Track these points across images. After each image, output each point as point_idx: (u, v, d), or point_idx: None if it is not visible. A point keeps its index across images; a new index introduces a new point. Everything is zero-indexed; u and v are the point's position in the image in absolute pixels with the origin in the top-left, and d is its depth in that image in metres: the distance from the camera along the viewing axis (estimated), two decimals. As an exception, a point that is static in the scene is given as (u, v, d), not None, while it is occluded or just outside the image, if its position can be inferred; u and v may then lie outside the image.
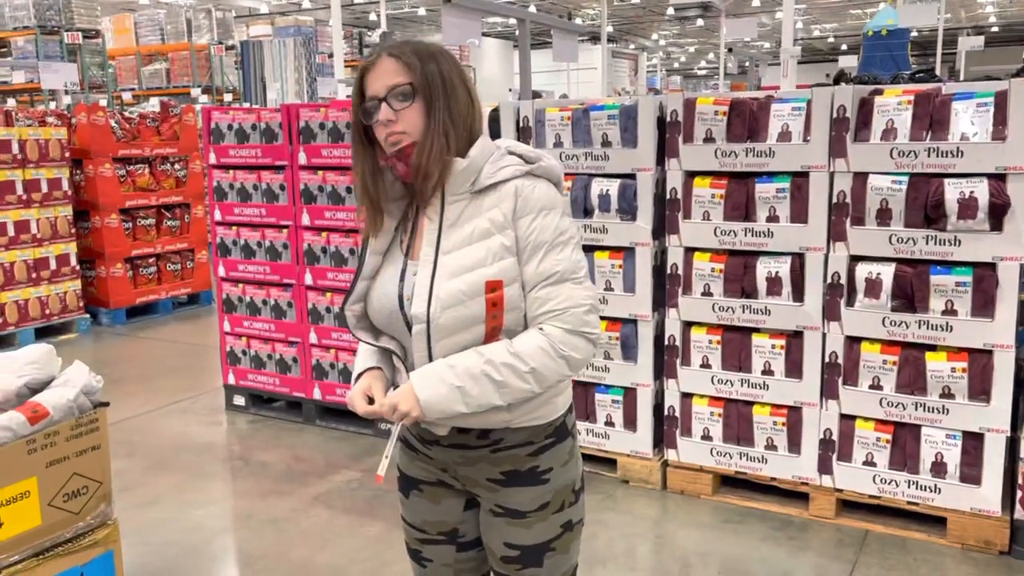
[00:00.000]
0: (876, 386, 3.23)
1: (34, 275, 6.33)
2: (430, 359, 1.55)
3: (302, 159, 4.38)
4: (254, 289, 4.68)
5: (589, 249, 3.70)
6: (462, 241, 1.55)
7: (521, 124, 3.82)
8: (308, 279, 4.47)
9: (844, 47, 31.45)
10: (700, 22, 25.36)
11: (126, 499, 3.77)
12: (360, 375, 1.65)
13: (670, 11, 24.15)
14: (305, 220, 4.43)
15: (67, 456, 1.42)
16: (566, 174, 3.70)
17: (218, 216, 4.74)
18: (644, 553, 3.30)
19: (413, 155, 1.53)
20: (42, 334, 6.43)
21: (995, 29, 26.99)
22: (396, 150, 1.54)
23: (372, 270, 1.65)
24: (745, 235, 3.38)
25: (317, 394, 4.55)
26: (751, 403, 3.48)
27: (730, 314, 3.46)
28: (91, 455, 1.45)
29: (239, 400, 4.84)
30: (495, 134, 3.85)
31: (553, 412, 1.67)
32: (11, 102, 12.29)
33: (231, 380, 4.84)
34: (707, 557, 3.19)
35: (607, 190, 3.61)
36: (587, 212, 3.69)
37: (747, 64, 20.95)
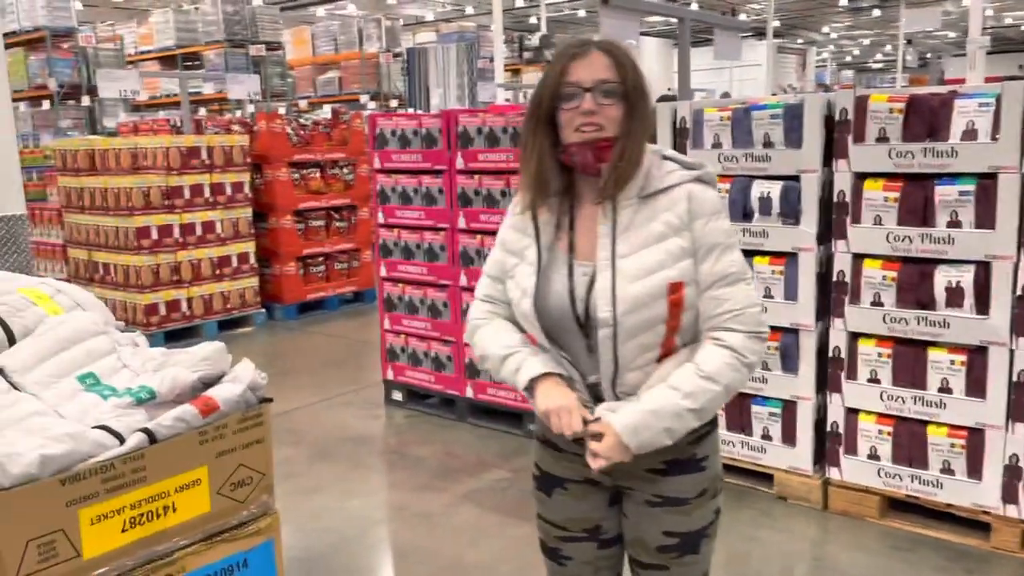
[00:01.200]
0: (1074, 410, 2.91)
1: (218, 272, 6.84)
2: (615, 361, 1.59)
3: (459, 163, 4.49)
4: (412, 289, 4.84)
5: (748, 254, 3.54)
6: (639, 244, 1.59)
7: (678, 125, 3.73)
8: (463, 280, 4.57)
9: (1042, 34, 28.68)
10: (876, 12, 23.90)
11: (291, 485, 4.00)
12: (542, 377, 1.63)
13: (843, 2, 22.92)
14: (461, 223, 4.53)
15: (234, 448, 1.51)
16: (724, 176, 3.60)
17: (381, 218, 4.94)
18: (801, 575, 3.14)
19: (613, 154, 1.58)
20: (223, 327, 6.94)
21: None
22: (588, 139, 1.57)
23: (544, 264, 1.66)
24: (922, 241, 3.15)
25: (469, 392, 4.64)
26: (926, 422, 3.23)
27: (903, 326, 3.23)
28: (256, 448, 1.54)
29: (397, 395, 5.02)
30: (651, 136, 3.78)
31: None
32: (202, 111, 13.37)
33: (390, 375, 5.03)
34: (872, 585, 2.99)
35: (768, 192, 3.46)
36: (746, 215, 3.56)
37: (928, 56, 19.56)
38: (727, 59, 5.79)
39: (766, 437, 3.61)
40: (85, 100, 11.86)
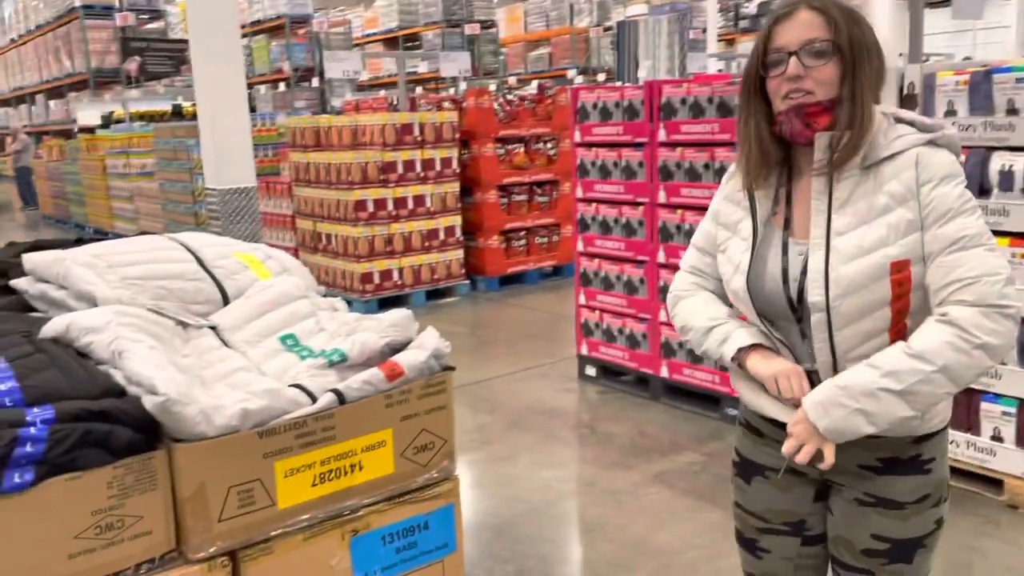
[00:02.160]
0: None
1: (426, 244, 7.16)
2: (832, 349, 1.46)
3: (662, 136, 4.37)
4: (609, 264, 4.79)
5: (982, 235, 3.19)
6: (857, 220, 1.44)
7: (906, 91, 3.40)
8: (661, 257, 4.47)
9: None
10: None
11: (487, 451, 4.12)
12: (752, 347, 1.54)
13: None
14: (661, 197, 4.41)
15: (418, 413, 1.55)
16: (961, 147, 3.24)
17: (580, 193, 4.92)
18: (1032, 596, 2.80)
19: (830, 120, 1.44)
20: (430, 296, 7.26)
21: None
22: (794, 106, 1.45)
23: (760, 240, 1.55)
24: None
25: (664, 372, 4.54)
26: None
27: None
28: (438, 414, 1.58)
29: (590, 371, 5.02)
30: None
31: (948, 409, 1.53)
32: (419, 90, 14.02)
33: (584, 351, 5.04)
34: (1119, 614, 2.61)
35: (1011, 166, 3.07)
36: (983, 191, 3.18)
37: None
38: (968, 18, 5.19)
39: (996, 439, 3.24)
40: (315, 82, 12.79)
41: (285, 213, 7.86)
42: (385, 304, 6.95)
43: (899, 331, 1.44)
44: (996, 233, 3.13)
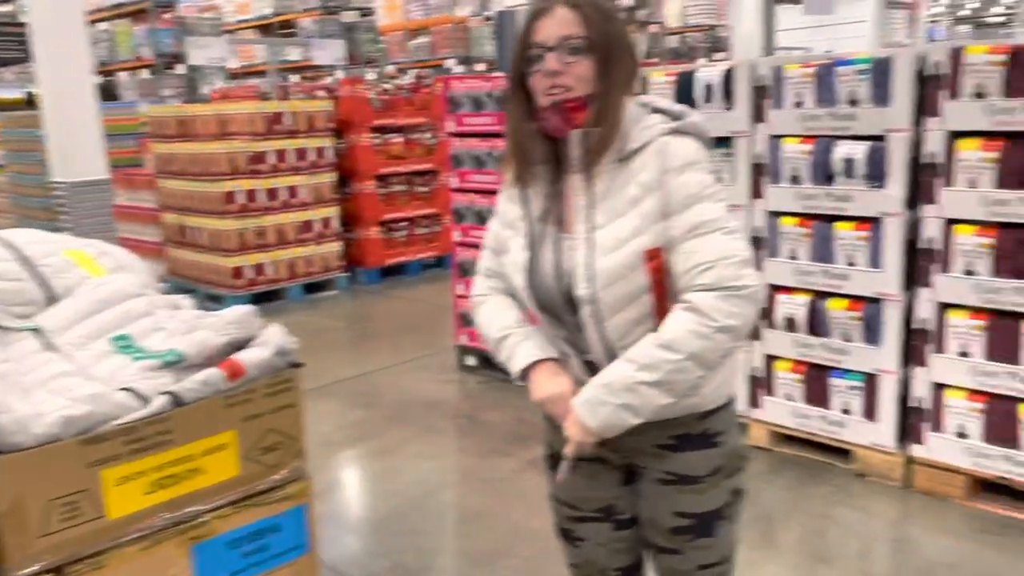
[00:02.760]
0: None
1: (302, 236, 6.98)
2: (604, 339, 1.50)
3: (532, 126, 4.39)
4: (485, 254, 4.80)
5: (830, 219, 3.37)
6: (614, 213, 1.48)
7: (758, 84, 3.54)
8: (536, 245, 4.51)
9: None
10: (996, -39, 22.29)
11: (364, 447, 4.06)
12: (535, 364, 1.56)
13: (959, -50, 21.42)
14: (534, 187, 4.45)
15: (263, 412, 1.50)
16: (807, 136, 3.40)
17: (455, 183, 4.91)
18: (880, 557, 2.99)
19: (587, 116, 1.46)
20: (308, 290, 7.09)
21: None
22: (554, 102, 1.47)
23: (537, 237, 1.57)
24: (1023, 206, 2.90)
25: (542, 359, 4.60)
26: (1020, 400, 3.01)
27: (999, 297, 2.99)
28: (286, 412, 1.53)
29: (470, 360, 5.02)
30: (729, 95, 3.61)
31: (734, 379, 1.59)
32: (294, 78, 13.63)
33: (463, 341, 5.03)
34: (956, 569, 2.82)
35: (853, 154, 3.25)
36: (829, 178, 3.36)
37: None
38: (818, 14, 5.47)
39: (846, 411, 3.44)
40: (180, 68, 12.22)
41: (148, 206, 7.50)
42: (259, 299, 6.73)
43: (664, 314, 1.49)
44: (840, 218, 3.33)
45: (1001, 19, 35.06)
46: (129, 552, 1.36)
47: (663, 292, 1.48)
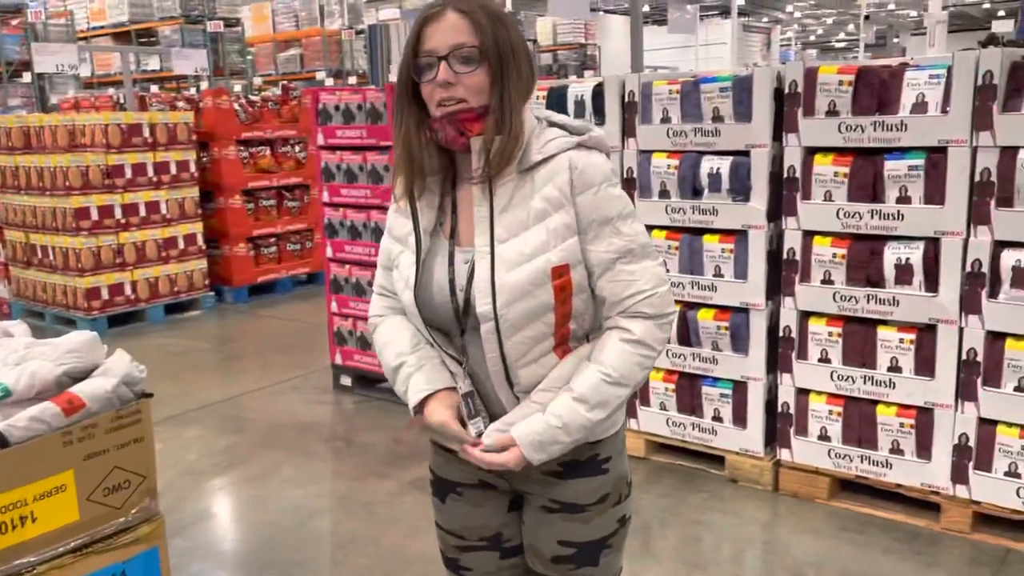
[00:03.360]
0: (1022, 388, 2.86)
1: (163, 254, 6.62)
2: (503, 357, 1.44)
3: (405, 139, 4.32)
4: (360, 270, 4.68)
5: (698, 232, 3.46)
6: (518, 226, 1.42)
7: (626, 99, 3.60)
8: (411, 261, 4.42)
9: (1001, 12, 28.95)
10: (839, -10, 23.94)
11: (234, 474, 3.86)
12: (428, 397, 1.50)
13: (807, -21, 22.87)
14: (408, 201, 4.37)
15: (107, 449, 1.37)
16: (673, 151, 3.49)
17: (326, 197, 4.77)
18: (752, 559, 3.07)
19: (483, 126, 1.40)
20: (170, 310, 6.73)
21: None
22: (448, 113, 1.40)
23: (425, 251, 1.51)
24: (872, 218, 3.06)
25: (419, 377, 4.51)
26: (875, 402, 3.17)
27: (853, 304, 3.15)
28: (133, 448, 1.40)
29: (345, 380, 4.88)
30: (599, 110, 3.66)
31: (624, 403, 1.54)
32: (154, 88, 13.00)
33: (338, 360, 4.88)
34: (822, 568, 2.92)
35: (718, 168, 3.35)
36: (696, 192, 3.45)
37: (887, 35, 19.61)
38: (681, 33, 5.67)
39: (717, 419, 3.53)
40: (26, 76, 11.46)
41: (-9, 224, 6.93)
42: (116, 322, 6.34)
43: (563, 335, 1.47)
44: (707, 231, 3.43)
45: (843, 44, 37.64)
46: (-52, 614, 1.21)
47: (567, 311, 1.44)
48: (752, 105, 3.26)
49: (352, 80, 13.89)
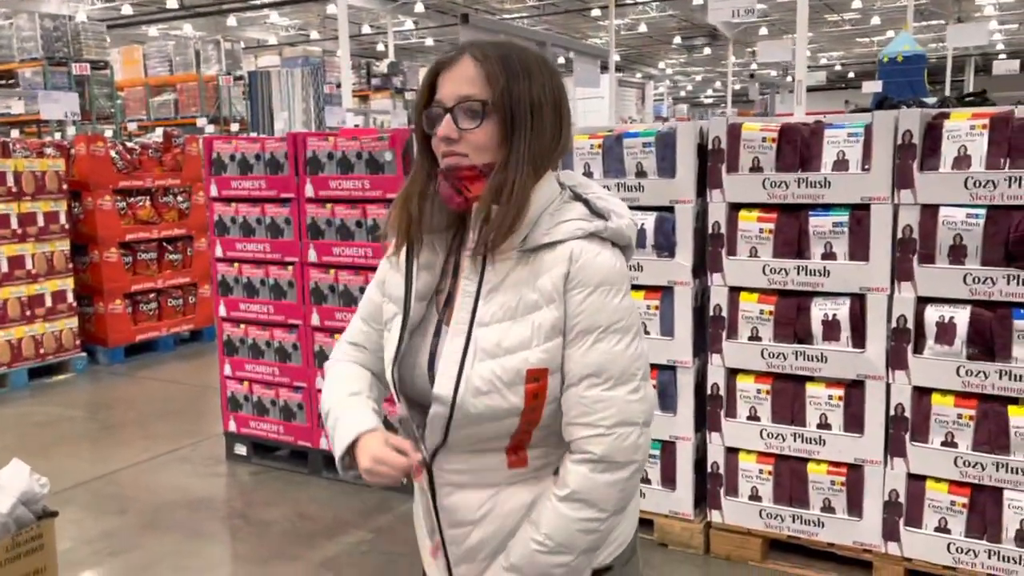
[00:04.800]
0: (950, 443, 2.88)
1: (28, 312, 6.03)
2: (444, 444, 1.28)
3: (309, 191, 4.08)
4: (257, 330, 4.36)
5: (622, 288, 3.38)
6: (504, 313, 1.25)
7: (546, 153, 3.51)
8: (315, 320, 4.16)
9: (852, 74, 31.28)
10: (707, 50, 25.24)
11: (116, 564, 3.44)
12: (361, 436, 1.31)
13: (677, 40, 24.04)
14: (312, 256, 4.12)
15: (2, 586, 1.09)
16: (597, 207, 3.41)
17: (219, 252, 4.44)
18: (689, 629, 2.94)
19: (481, 188, 1.24)
20: (36, 374, 6.12)
21: (1002, 56, 26.85)
22: (447, 167, 1.26)
23: (416, 320, 1.33)
24: (798, 274, 3.06)
25: (324, 443, 4.21)
26: (805, 460, 3.14)
27: (781, 361, 3.12)
28: (36, 580, 1.12)
29: (240, 449, 4.50)
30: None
31: (631, 527, 1.40)
32: (15, 133, 12.10)
33: (232, 427, 4.51)
34: (761, 635, 2.83)
35: (642, 224, 3.29)
36: (620, 248, 3.37)
37: (767, 91, 20.77)
38: (587, 86, 5.71)
39: (645, 481, 3.42)
40: None
41: None
42: (-28, 389, 5.69)
43: (519, 444, 1.29)
44: (632, 287, 3.34)
45: (711, 100, 39.68)
46: None
47: (534, 420, 1.26)
48: (676, 160, 3.22)
49: (235, 127, 13.42)
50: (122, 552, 3.54)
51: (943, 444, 2.89)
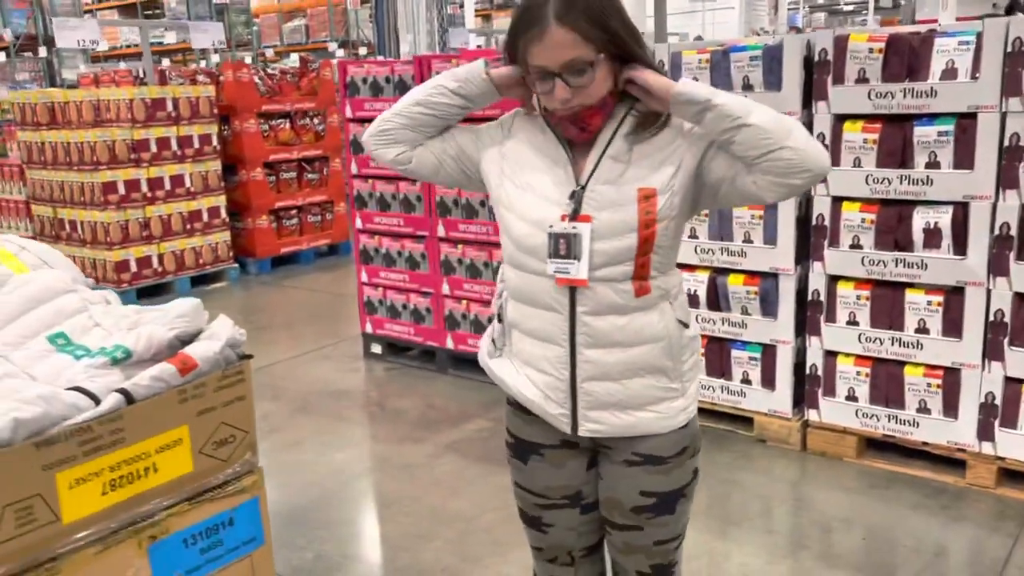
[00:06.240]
0: (1048, 348, 2.95)
1: (188, 227, 6.72)
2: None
3: (434, 111, 4.38)
4: (389, 241, 4.77)
5: (727, 199, 3.53)
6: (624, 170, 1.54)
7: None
8: (441, 231, 4.52)
9: (1013, -27, 28.55)
10: (849, -47, 23.61)
11: (273, 440, 3.98)
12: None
13: (815, -58, 22.58)
14: (437, 172, 4.44)
15: (215, 406, 1.47)
16: (704, 121, 3.55)
17: (354, 169, 4.84)
18: (782, 515, 3.18)
19: (601, 122, 1.47)
20: (197, 282, 6.84)
21: None
22: (571, 114, 1.45)
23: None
24: (901, 183, 3.14)
25: (450, 343, 4.62)
26: (903, 363, 3.27)
27: (882, 268, 3.23)
28: (237, 405, 1.51)
29: (376, 348, 4.99)
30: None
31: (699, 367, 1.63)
32: (165, 62, 12.99)
33: (368, 329, 5.00)
34: (851, 523, 3.04)
35: (748, 137, 3.41)
36: (726, 160, 3.52)
37: (902, -2, 19.40)
38: None
39: (746, 381, 3.63)
40: (42, 51, 11.49)
41: (17, 199, 7.03)
42: (144, 294, 6.45)
43: (643, 271, 1.48)
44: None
45: (851, 7, 37.18)
46: (85, 556, 1.31)
47: (649, 236, 1.46)
48: (782, 74, 3.32)
49: (363, 51, 13.85)
50: (278, 430, 4.08)
51: (1041, 349, 2.96)
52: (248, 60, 13.41)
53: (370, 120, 4.67)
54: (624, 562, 1.72)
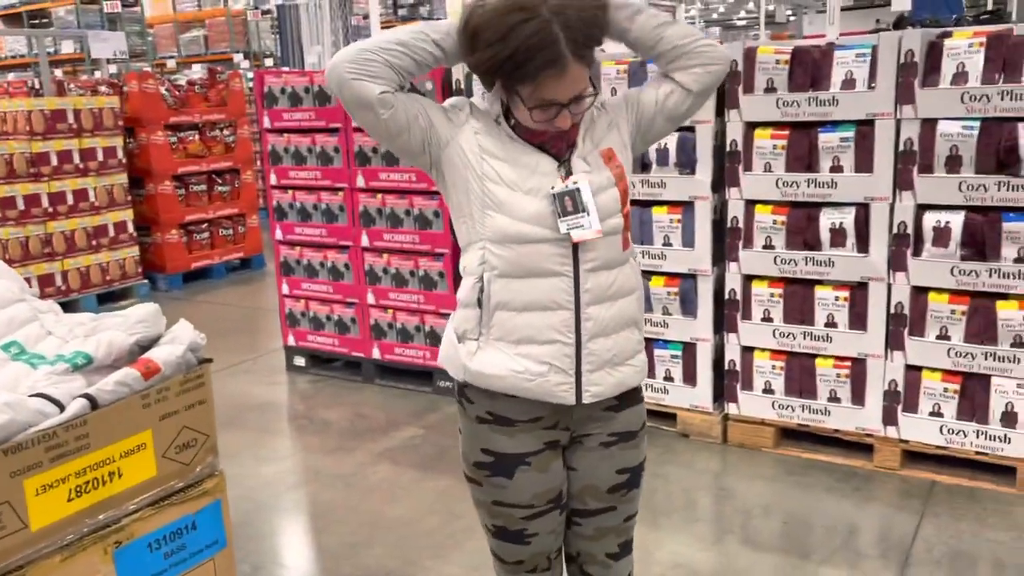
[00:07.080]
0: (944, 336, 3.19)
1: (94, 242, 6.48)
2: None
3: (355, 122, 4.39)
4: (311, 252, 4.74)
5: (647, 204, 3.68)
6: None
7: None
8: (364, 241, 4.52)
9: (890, -8, 30.35)
10: (741, -29, 24.60)
11: (198, 457, 3.90)
12: None
13: (709, -40, 23.42)
14: (360, 182, 4.46)
15: (178, 410, 1.47)
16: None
17: (274, 180, 4.80)
18: (706, 505, 3.33)
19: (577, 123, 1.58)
20: (104, 300, 6.60)
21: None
22: (559, 131, 1.54)
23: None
24: (808, 186, 3.34)
25: (376, 354, 4.62)
26: (814, 356, 3.47)
27: (792, 267, 3.43)
28: (199, 409, 1.51)
29: (299, 361, 4.94)
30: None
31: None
32: (57, 72, 12.46)
33: (291, 341, 4.94)
34: (771, 508, 3.20)
35: (665, 144, 3.57)
36: (644, 167, 3.67)
37: (789, 13, 20.38)
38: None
39: (668, 379, 3.78)
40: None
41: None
42: (50, 313, 6.18)
43: (626, 224, 1.60)
44: (656, 203, 3.65)
45: (744, 22, 38.79)
46: (52, 563, 1.29)
47: (623, 188, 1.60)
48: (696, 84, 3.48)
49: (268, 63, 13.63)
50: (204, 446, 4.00)
51: (938, 337, 3.20)
52: (147, 70, 13.00)
53: (289, 130, 4.66)
54: (592, 548, 1.76)
